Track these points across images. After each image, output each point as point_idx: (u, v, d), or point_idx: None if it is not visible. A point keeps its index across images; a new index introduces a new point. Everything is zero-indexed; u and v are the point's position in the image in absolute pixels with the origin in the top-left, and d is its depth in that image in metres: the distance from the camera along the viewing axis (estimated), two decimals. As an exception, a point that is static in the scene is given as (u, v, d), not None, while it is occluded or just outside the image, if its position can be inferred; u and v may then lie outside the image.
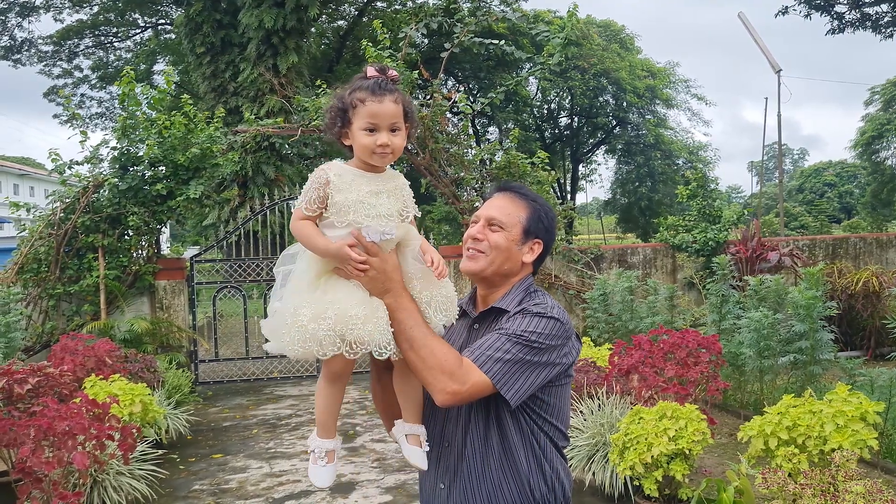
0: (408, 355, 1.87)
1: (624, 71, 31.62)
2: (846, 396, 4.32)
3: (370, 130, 1.84)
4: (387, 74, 1.89)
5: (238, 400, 9.20)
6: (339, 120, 1.89)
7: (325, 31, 29.46)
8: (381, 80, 1.87)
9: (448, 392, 1.84)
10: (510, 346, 1.90)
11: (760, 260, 10.42)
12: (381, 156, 1.86)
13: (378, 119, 1.84)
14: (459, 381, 1.84)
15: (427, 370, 1.85)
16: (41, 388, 5.36)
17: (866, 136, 32.96)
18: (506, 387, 1.88)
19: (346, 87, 1.91)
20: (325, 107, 1.96)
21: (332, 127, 1.92)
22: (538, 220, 2.11)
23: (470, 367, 1.87)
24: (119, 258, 9.24)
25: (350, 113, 1.87)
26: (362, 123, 1.85)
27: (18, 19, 27.28)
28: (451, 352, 1.88)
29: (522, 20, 21.03)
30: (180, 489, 5.84)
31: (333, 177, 1.85)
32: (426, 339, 1.86)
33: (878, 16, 20.45)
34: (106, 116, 32.82)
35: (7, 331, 7.59)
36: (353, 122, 1.87)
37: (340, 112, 1.89)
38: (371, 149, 1.85)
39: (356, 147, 1.88)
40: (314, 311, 1.78)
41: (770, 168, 73.90)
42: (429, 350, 1.85)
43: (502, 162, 10.40)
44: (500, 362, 1.88)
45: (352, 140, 1.89)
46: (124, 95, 9.42)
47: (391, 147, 1.86)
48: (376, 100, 1.84)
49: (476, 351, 1.91)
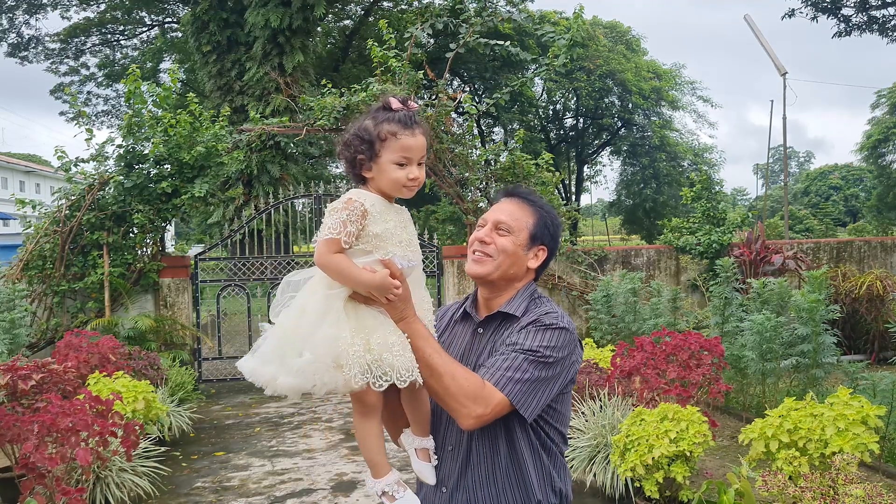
0: (429, 382, 1.86)
1: (630, 72, 31.59)
2: (847, 400, 4.32)
3: (401, 165, 1.83)
4: (408, 106, 1.87)
5: (241, 398, 9.23)
6: (365, 152, 1.85)
7: (331, 30, 29.50)
8: (409, 112, 1.86)
9: (473, 417, 1.86)
10: (527, 364, 1.92)
11: (764, 263, 10.40)
12: (409, 189, 1.86)
13: (411, 153, 1.83)
14: (483, 405, 1.86)
15: (450, 397, 1.85)
16: (45, 384, 5.39)
17: (872, 140, 32.87)
18: (524, 405, 1.91)
19: (369, 119, 1.87)
20: (345, 139, 1.90)
21: (354, 160, 1.87)
22: (544, 227, 2.12)
23: (491, 391, 1.89)
24: (124, 256, 9.27)
25: (378, 146, 1.83)
26: (394, 157, 1.82)
27: (26, 16, 27.39)
28: (471, 375, 1.89)
29: (528, 21, 21.05)
30: (182, 486, 5.86)
31: (369, 206, 1.82)
32: (447, 366, 1.86)
33: (885, 19, 20.39)
34: (112, 114, 32.93)
35: (12, 327, 7.62)
36: (380, 155, 1.83)
37: (367, 144, 1.84)
38: (402, 182, 1.84)
39: (385, 179, 1.84)
40: (363, 341, 1.75)
41: (775, 171, 73.65)
42: (451, 376, 1.85)
43: (507, 163, 10.40)
44: (519, 383, 1.90)
45: (376, 172, 1.85)
46: (130, 93, 9.45)
47: (419, 179, 1.86)
48: (410, 134, 1.83)
49: (496, 373, 1.92)
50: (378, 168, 1.85)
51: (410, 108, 1.87)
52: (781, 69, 18.70)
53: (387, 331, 1.79)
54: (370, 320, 1.80)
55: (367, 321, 1.80)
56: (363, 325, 1.78)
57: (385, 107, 1.87)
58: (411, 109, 1.87)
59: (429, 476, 2.02)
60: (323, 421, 7.92)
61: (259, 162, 17.81)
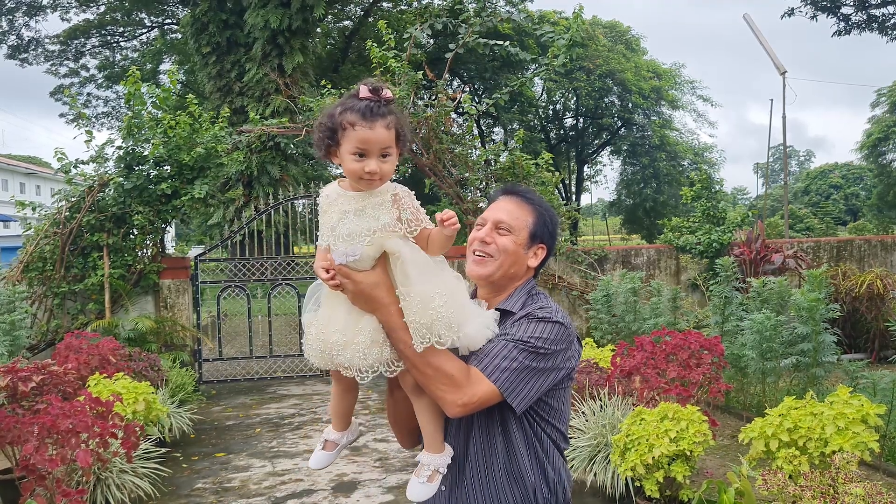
0: (412, 372, 1.86)
1: (629, 72, 31.63)
2: (847, 399, 4.32)
3: (359, 156, 1.78)
4: (380, 95, 1.80)
5: (241, 399, 9.23)
6: (327, 139, 1.83)
7: (331, 31, 29.54)
8: (374, 103, 1.79)
9: (459, 405, 1.85)
10: (516, 353, 1.90)
11: (764, 262, 10.40)
12: (368, 182, 1.80)
13: (368, 146, 1.77)
14: (468, 392, 1.85)
15: (434, 385, 1.84)
16: (45, 386, 5.39)
17: (872, 139, 32.88)
18: (512, 395, 1.89)
19: (337, 105, 1.83)
20: (316, 123, 1.88)
21: (321, 145, 1.85)
22: (544, 225, 2.12)
23: (478, 378, 1.87)
24: (124, 257, 9.27)
25: (339, 134, 1.80)
26: (351, 148, 1.78)
27: (25, 18, 27.44)
28: (455, 363, 1.86)
29: (528, 21, 21.05)
30: (183, 487, 5.86)
31: (322, 199, 1.87)
32: (427, 355, 1.82)
33: (885, 17, 20.40)
34: (112, 116, 32.99)
35: (12, 329, 7.62)
36: (341, 144, 1.80)
37: (329, 131, 1.82)
38: (359, 174, 1.79)
39: (344, 169, 1.82)
40: (317, 329, 1.89)
41: (776, 170, 73.65)
42: (432, 366, 1.83)
43: (507, 163, 10.40)
44: (507, 371, 1.88)
45: (340, 160, 1.82)
46: (130, 95, 9.45)
47: (379, 174, 1.79)
48: (367, 126, 1.76)
49: (484, 360, 1.90)
50: (340, 157, 1.82)
51: (382, 96, 1.80)
52: (781, 68, 18.69)
53: (330, 329, 1.86)
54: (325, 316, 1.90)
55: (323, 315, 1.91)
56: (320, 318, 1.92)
57: (354, 94, 1.83)
58: (382, 98, 1.80)
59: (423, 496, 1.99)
60: (323, 422, 7.92)
61: (259, 163, 17.84)
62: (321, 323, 1.89)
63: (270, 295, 10.30)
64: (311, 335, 1.89)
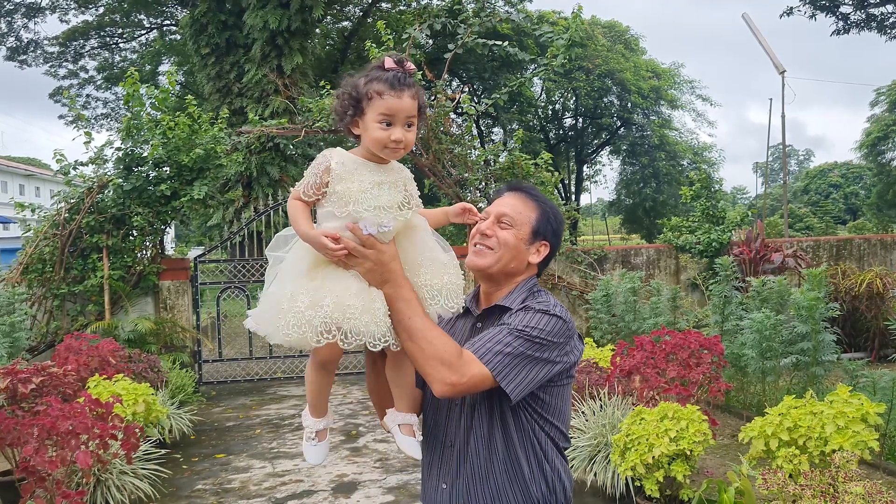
0: (406, 345, 1.85)
1: (629, 72, 31.63)
2: (847, 398, 4.32)
3: (385, 124, 1.81)
4: (404, 67, 1.84)
5: (241, 400, 9.23)
6: (351, 109, 1.85)
7: (330, 32, 29.54)
8: (400, 73, 1.83)
9: (447, 383, 1.83)
10: (511, 339, 1.89)
11: (764, 261, 10.40)
12: (393, 150, 1.83)
13: (395, 113, 1.80)
14: (458, 372, 1.83)
15: (426, 360, 1.83)
16: (45, 387, 5.39)
17: (872, 138, 32.91)
18: (506, 380, 1.87)
19: (362, 76, 1.86)
20: (338, 92, 1.90)
21: (343, 115, 1.87)
22: (547, 223, 2.11)
23: (470, 359, 1.86)
24: (123, 258, 9.26)
25: (364, 103, 1.82)
26: (377, 116, 1.81)
27: (24, 20, 27.45)
28: (450, 342, 1.86)
29: (527, 21, 21.04)
30: (183, 489, 5.86)
31: (335, 164, 1.82)
32: (425, 330, 1.84)
33: (884, 16, 20.40)
34: (111, 117, 32.99)
35: (12, 331, 7.62)
36: (366, 113, 1.83)
37: (354, 101, 1.84)
38: (384, 143, 1.81)
39: (368, 138, 1.83)
40: (312, 299, 1.75)
41: (775, 169, 73.67)
42: (427, 341, 1.83)
43: (506, 163, 10.40)
44: (500, 355, 1.87)
45: (362, 130, 1.85)
46: (129, 96, 9.45)
47: (404, 142, 1.83)
48: (395, 94, 1.80)
49: (477, 343, 1.90)
50: (363, 126, 1.84)
51: (406, 69, 1.85)
52: (780, 67, 18.70)
53: (348, 293, 1.77)
54: (337, 283, 1.80)
55: (331, 283, 1.79)
56: (322, 286, 1.78)
57: (379, 66, 1.86)
58: (406, 70, 1.84)
59: (413, 450, 1.98)
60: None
61: (258, 164, 17.86)
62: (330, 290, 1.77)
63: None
64: (303, 303, 1.75)
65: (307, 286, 1.79)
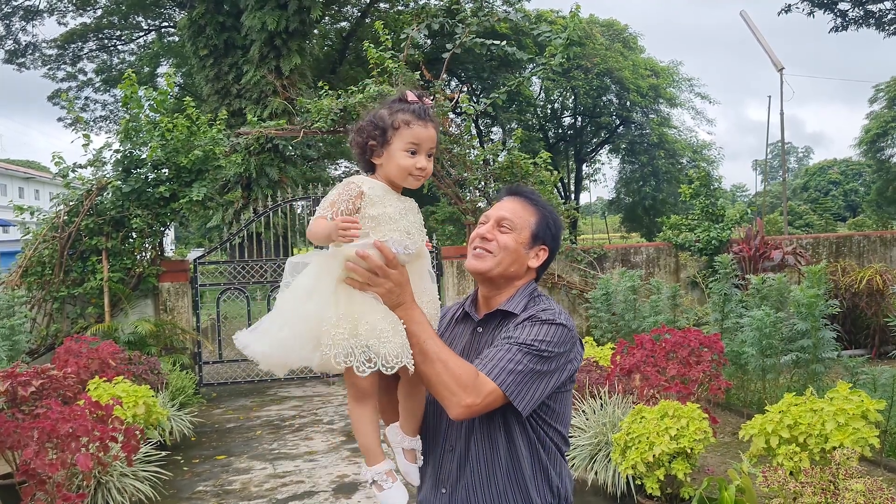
0: (421, 368, 1.85)
1: (627, 70, 31.62)
2: (847, 395, 4.32)
3: (411, 153, 1.90)
4: (423, 101, 1.95)
5: (242, 401, 9.23)
6: (377, 138, 1.91)
7: (328, 32, 29.53)
8: (423, 106, 1.93)
9: (463, 406, 1.83)
10: (521, 356, 1.90)
11: (764, 259, 10.40)
12: (416, 178, 1.92)
13: (421, 142, 1.90)
14: (474, 394, 1.84)
15: (441, 384, 1.84)
16: (45, 390, 5.39)
17: (871, 134, 32.94)
18: (518, 397, 1.89)
19: (387, 108, 1.94)
20: (358, 126, 1.97)
21: (364, 145, 1.94)
22: (546, 227, 2.13)
23: (484, 380, 1.87)
24: (123, 260, 9.26)
25: (390, 133, 1.90)
26: (404, 145, 1.89)
27: (23, 23, 27.44)
28: (465, 364, 1.87)
29: (525, 20, 21.04)
30: (184, 490, 5.86)
31: (367, 189, 1.86)
32: (440, 353, 1.85)
33: (882, 13, 20.39)
34: (110, 119, 33.00)
35: (11, 334, 7.62)
36: (391, 143, 1.90)
37: (380, 131, 1.91)
38: (409, 170, 1.90)
39: (393, 166, 1.90)
40: (349, 325, 1.74)
41: (774, 166, 73.72)
42: (443, 364, 1.84)
43: (505, 162, 10.39)
44: (512, 374, 1.88)
45: (386, 159, 1.91)
46: (127, 98, 9.44)
47: (426, 171, 1.92)
48: (422, 124, 1.90)
49: (489, 364, 1.90)
50: (388, 155, 1.91)
51: (425, 103, 1.95)
52: (778, 65, 18.70)
53: (377, 317, 1.78)
54: (361, 306, 1.79)
55: (357, 306, 1.79)
56: (353, 310, 1.77)
57: (401, 98, 1.95)
58: (426, 104, 1.94)
59: (414, 478, 2.03)
60: (324, 423, 7.92)
61: (257, 165, 17.85)
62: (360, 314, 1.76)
63: (270, 297, 10.30)
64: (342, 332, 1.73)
65: (343, 311, 1.77)
